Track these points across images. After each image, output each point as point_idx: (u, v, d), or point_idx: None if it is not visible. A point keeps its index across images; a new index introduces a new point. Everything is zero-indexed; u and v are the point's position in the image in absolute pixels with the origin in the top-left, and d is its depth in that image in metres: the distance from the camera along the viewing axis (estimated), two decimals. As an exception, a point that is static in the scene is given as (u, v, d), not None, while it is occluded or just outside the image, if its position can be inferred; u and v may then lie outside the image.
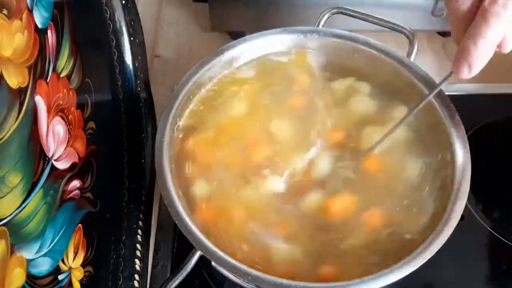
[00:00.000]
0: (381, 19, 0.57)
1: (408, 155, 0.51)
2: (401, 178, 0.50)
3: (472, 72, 0.40)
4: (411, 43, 0.56)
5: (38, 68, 0.39)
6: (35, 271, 0.38)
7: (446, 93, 0.52)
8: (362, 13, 0.58)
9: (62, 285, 0.41)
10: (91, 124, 0.49)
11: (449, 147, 0.50)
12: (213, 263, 0.43)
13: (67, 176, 0.43)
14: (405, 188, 0.49)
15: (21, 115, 0.36)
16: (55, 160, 0.41)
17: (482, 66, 0.40)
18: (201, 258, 0.44)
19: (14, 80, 0.35)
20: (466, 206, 0.45)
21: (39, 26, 0.39)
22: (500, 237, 0.60)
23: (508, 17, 0.37)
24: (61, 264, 0.42)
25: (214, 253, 0.43)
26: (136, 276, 0.53)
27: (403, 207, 0.48)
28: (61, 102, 0.43)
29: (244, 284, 0.44)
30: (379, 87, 0.56)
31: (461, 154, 0.48)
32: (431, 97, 0.49)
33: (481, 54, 0.39)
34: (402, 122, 0.50)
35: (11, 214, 0.35)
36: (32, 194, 0.37)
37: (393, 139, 0.51)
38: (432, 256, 0.43)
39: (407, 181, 0.50)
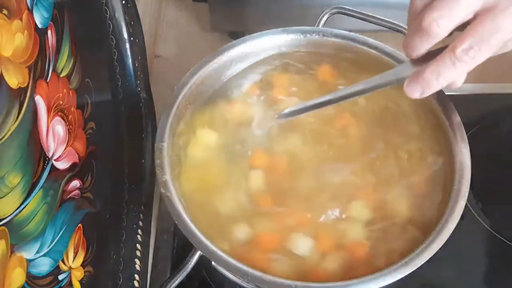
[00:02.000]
0: (381, 19, 0.58)
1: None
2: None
3: (422, 97, 0.43)
4: (411, 43, 0.56)
5: (38, 68, 0.39)
6: (35, 271, 0.38)
7: (446, 93, 0.52)
8: (362, 13, 0.58)
9: (62, 285, 0.41)
10: (91, 124, 0.49)
11: (449, 147, 0.50)
12: (213, 263, 0.43)
13: (67, 176, 0.43)
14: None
15: (21, 115, 0.36)
16: (55, 160, 0.41)
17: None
18: (201, 258, 0.44)
19: (14, 80, 0.35)
20: (466, 206, 0.45)
21: (39, 26, 0.39)
22: (500, 237, 0.60)
23: (472, 66, 0.40)
24: (61, 264, 0.42)
25: (214, 253, 0.43)
26: (136, 276, 0.53)
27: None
28: (61, 102, 0.43)
29: (244, 284, 0.44)
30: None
31: (461, 154, 0.48)
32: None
33: (437, 88, 0.42)
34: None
35: (11, 214, 0.35)
36: (32, 194, 0.37)
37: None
38: (432, 256, 0.43)
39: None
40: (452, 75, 0.41)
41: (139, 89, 0.59)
